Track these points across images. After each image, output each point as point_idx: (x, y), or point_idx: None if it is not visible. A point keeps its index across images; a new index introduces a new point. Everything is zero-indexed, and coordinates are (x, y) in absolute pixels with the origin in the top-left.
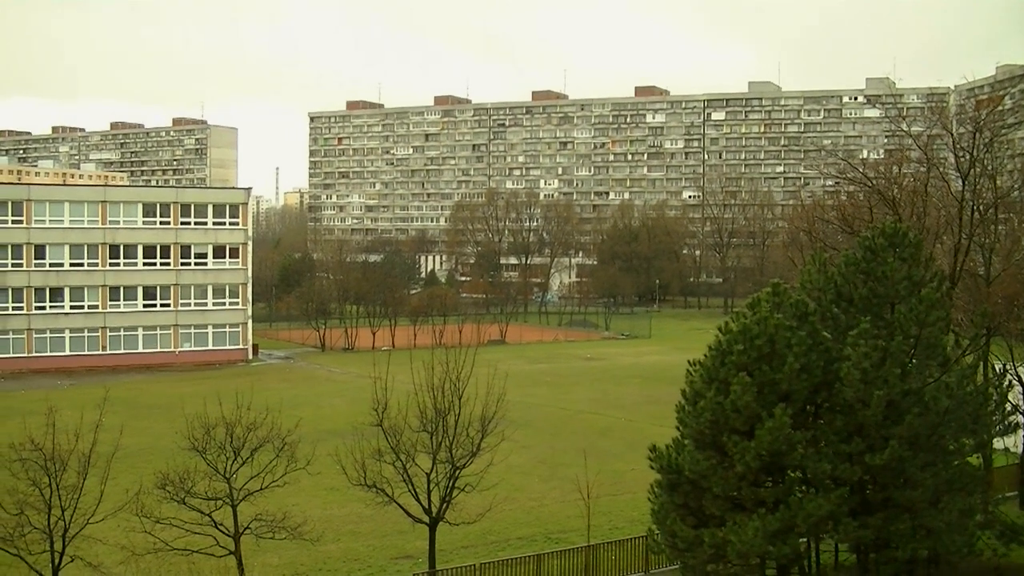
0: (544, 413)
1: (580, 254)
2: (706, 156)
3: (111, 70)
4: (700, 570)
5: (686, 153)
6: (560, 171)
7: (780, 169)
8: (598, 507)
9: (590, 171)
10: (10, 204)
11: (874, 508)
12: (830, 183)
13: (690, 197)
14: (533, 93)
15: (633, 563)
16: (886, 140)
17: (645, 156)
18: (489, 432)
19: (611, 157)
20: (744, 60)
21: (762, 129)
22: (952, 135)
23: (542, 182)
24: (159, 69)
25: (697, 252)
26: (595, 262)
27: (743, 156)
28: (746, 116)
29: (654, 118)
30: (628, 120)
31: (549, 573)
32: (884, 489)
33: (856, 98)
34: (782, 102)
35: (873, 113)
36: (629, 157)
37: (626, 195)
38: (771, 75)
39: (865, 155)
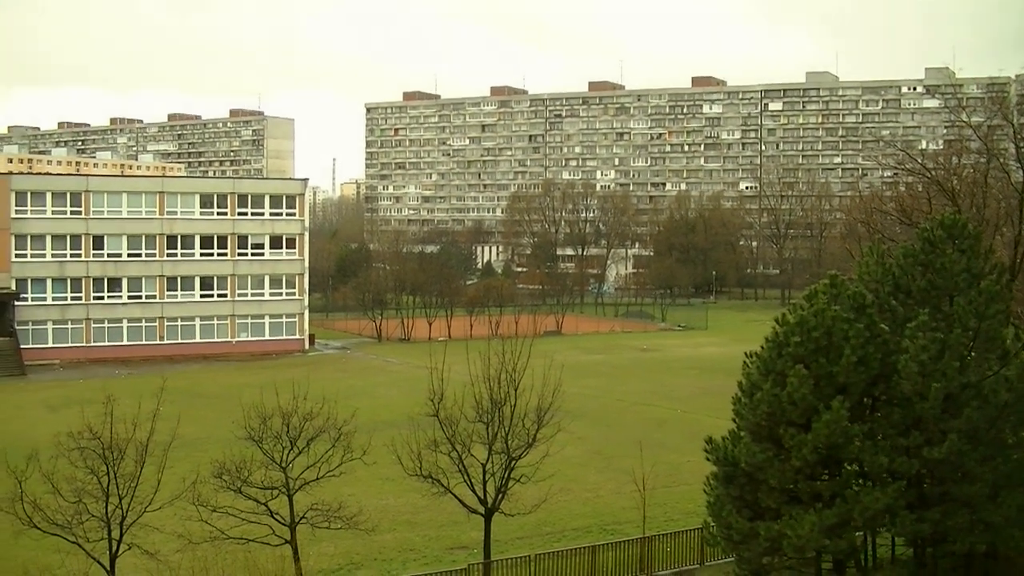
0: (600, 404)
1: (636, 245)
2: (763, 147)
3: (169, 61)
4: (755, 563)
5: (743, 144)
6: (616, 162)
7: (838, 160)
8: (653, 499)
9: (647, 162)
10: (69, 195)
11: (932, 502)
12: (888, 174)
13: (747, 188)
14: (589, 84)
15: (688, 555)
16: (945, 131)
17: (702, 147)
18: (545, 423)
19: (668, 148)
20: (802, 50)
21: (820, 119)
22: (1013, 125)
23: (598, 173)
24: (216, 60)
25: (754, 243)
26: (651, 253)
27: (800, 147)
28: (803, 106)
29: (711, 108)
30: (685, 111)
31: (604, 564)
32: (942, 483)
33: (915, 88)
34: (840, 92)
35: (932, 103)
36: (686, 148)
37: (683, 186)
38: (829, 65)
39: (924, 146)
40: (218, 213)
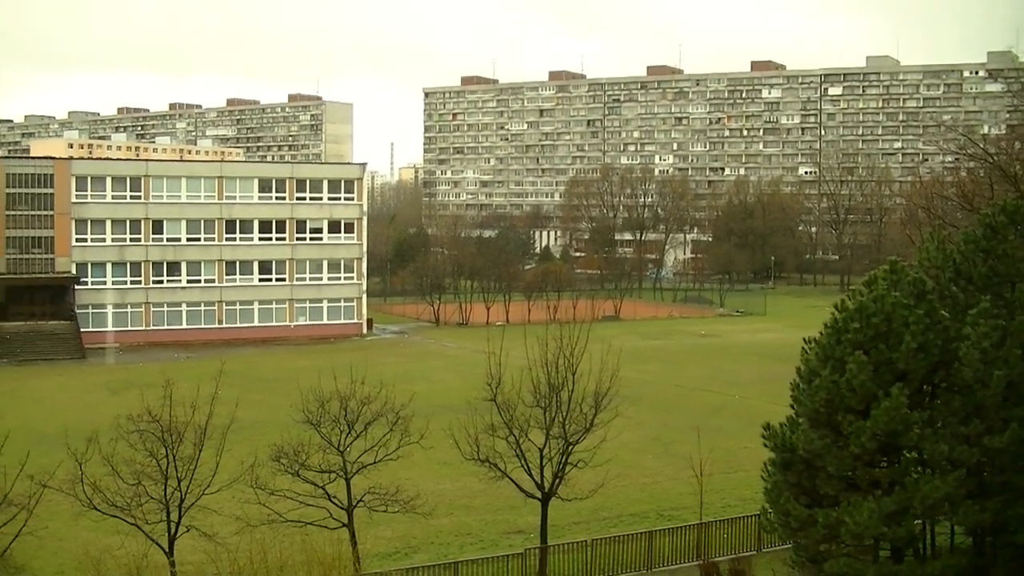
0: (657, 390)
1: (695, 230)
2: (823, 132)
3: (228, 46)
4: (813, 550)
5: (802, 128)
6: (675, 146)
7: (898, 145)
8: (711, 485)
9: (705, 146)
10: (128, 180)
11: (992, 491)
12: (949, 159)
13: (806, 173)
14: (648, 68)
15: (745, 542)
16: (1008, 115)
17: (761, 132)
18: (602, 408)
19: (726, 132)
20: (862, 34)
21: (880, 104)
22: None
23: (657, 157)
24: (275, 45)
25: (813, 229)
26: (710, 238)
27: (860, 132)
28: (864, 91)
29: (770, 93)
30: (744, 95)
31: (661, 550)
32: (1003, 472)
33: (977, 72)
34: (901, 77)
35: (995, 87)
36: (745, 132)
37: (741, 171)
38: (889, 49)
39: (986, 130)
40: (277, 198)
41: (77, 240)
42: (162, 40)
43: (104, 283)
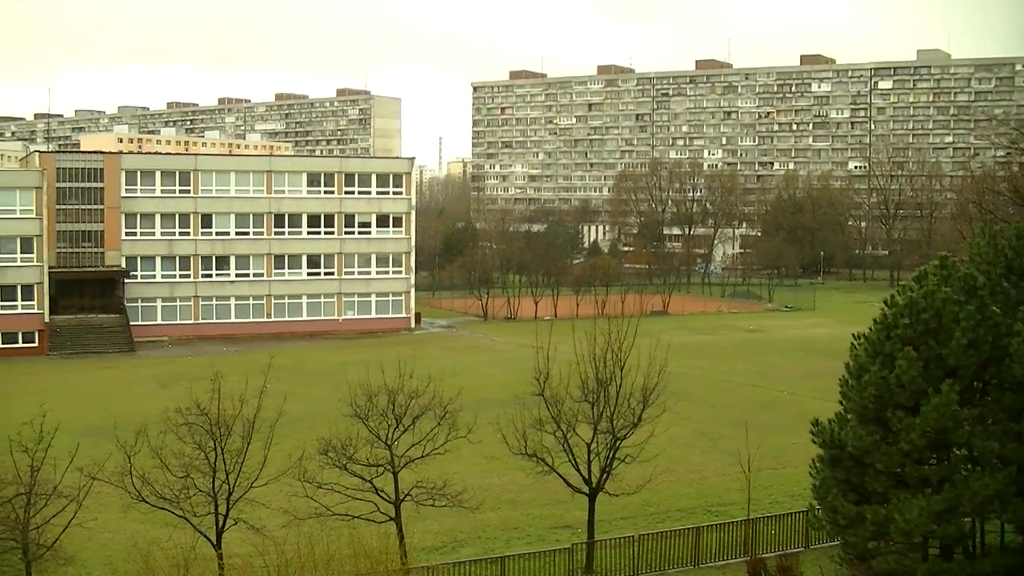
0: (706, 385)
1: (744, 225)
2: (873, 126)
3: (276, 40)
4: (861, 547)
5: (852, 123)
6: (724, 141)
7: (949, 139)
8: (759, 481)
9: (754, 141)
10: (178, 174)
11: None
12: (1001, 153)
13: (856, 168)
14: (696, 62)
15: (793, 538)
16: None
17: (810, 126)
18: (650, 403)
19: (775, 127)
20: (912, 28)
21: (931, 98)
22: None
23: (705, 152)
24: (323, 39)
25: (862, 224)
26: (759, 233)
27: (911, 126)
28: (914, 85)
29: (820, 87)
30: (793, 89)
31: (708, 546)
32: None
33: None
34: (952, 70)
35: None
36: (794, 127)
37: (790, 165)
38: (940, 43)
39: None
40: (325, 192)
41: (127, 234)
42: (211, 34)
43: (153, 277)
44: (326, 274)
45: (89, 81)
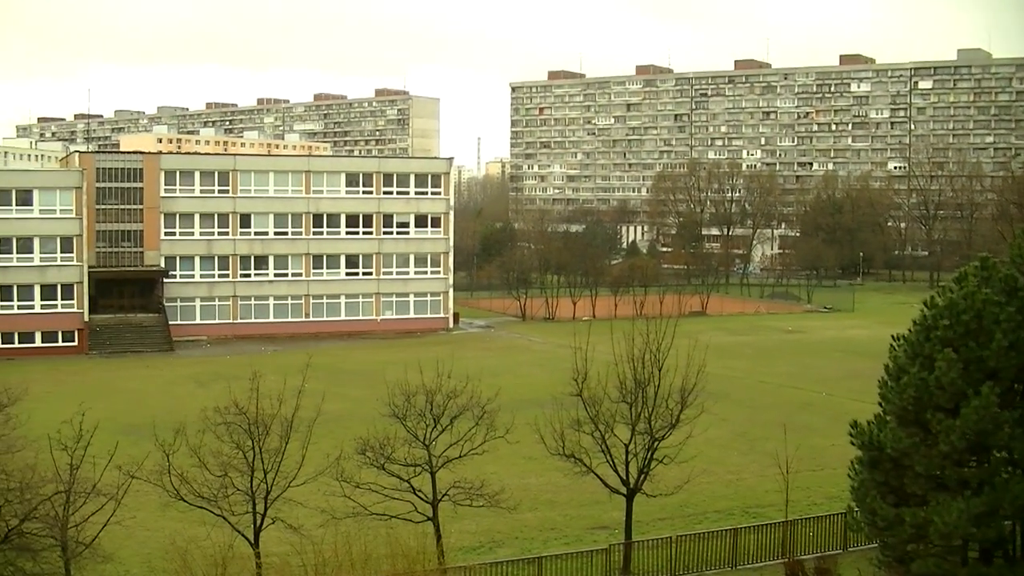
0: (744, 386)
1: (783, 225)
2: (912, 126)
3: (315, 40)
4: (900, 550)
5: (891, 123)
6: (763, 141)
7: (990, 139)
8: (797, 482)
9: (793, 141)
10: (217, 174)
11: None
12: None
13: (895, 168)
14: (735, 62)
15: (831, 540)
16: None
17: (849, 126)
18: (688, 404)
19: (815, 127)
20: (953, 27)
21: (971, 98)
22: None
23: (744, 152)
24: (362, 40)
25: (902, 224)
26: (798, 233)
27: (951, 126)
28: (955, 85)
29: (859, 87)
30: (832, 89)
31: (745, 547)
32: None
33: None
34: (993, 70)
35: None
36: (833, 127)
37: (830, 165)
38: (981, 42)
39: None
40: (363, 192)
41: (166, 234)
42: (250, 34)
43: (192, 276)
44: (364, 274)
45: (129, 82)
